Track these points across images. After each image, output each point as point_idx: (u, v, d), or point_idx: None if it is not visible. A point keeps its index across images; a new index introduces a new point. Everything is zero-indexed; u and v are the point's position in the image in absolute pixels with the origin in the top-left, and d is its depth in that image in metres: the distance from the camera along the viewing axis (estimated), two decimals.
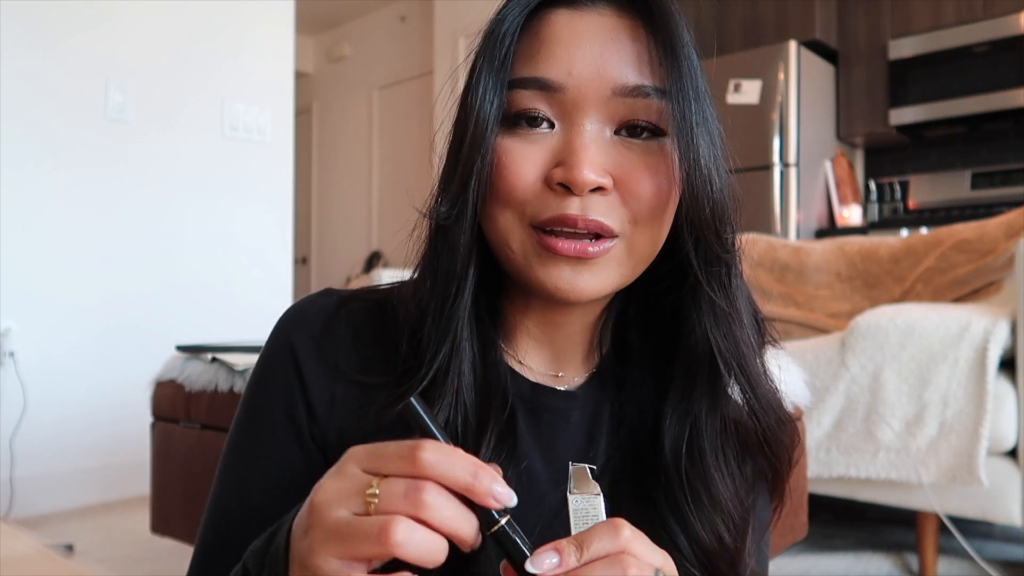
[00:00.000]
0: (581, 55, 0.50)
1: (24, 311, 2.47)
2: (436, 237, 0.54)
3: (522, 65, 0.52)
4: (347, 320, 0.57)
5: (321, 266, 5.74)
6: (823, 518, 2.24)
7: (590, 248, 0.50)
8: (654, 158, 0.52)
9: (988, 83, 3.26)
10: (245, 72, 3.06)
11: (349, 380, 0.56)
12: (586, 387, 0.60)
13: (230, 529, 0.56)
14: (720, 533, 0.54)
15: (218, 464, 0.59)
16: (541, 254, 0.51)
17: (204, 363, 1.59)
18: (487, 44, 0.52)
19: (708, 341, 0.55)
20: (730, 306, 0.54)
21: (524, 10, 0.52)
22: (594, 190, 0.50)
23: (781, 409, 0.59)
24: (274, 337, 0.59)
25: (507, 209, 0.52)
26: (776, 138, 3.36)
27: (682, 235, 0.53)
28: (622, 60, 0.51)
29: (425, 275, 0.55)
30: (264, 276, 3.11)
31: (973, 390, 1.60)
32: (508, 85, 0.51)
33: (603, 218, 0.50)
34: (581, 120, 0.51)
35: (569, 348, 0.60)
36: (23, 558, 0.51)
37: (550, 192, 0.51)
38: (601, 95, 0.50)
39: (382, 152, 5.32)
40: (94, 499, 2.57)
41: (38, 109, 2.51)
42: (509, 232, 0.52)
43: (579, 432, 0.59)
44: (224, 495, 0.58)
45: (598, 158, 0.50)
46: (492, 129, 0.51)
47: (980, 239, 2.05)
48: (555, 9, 0.52)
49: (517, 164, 0.51)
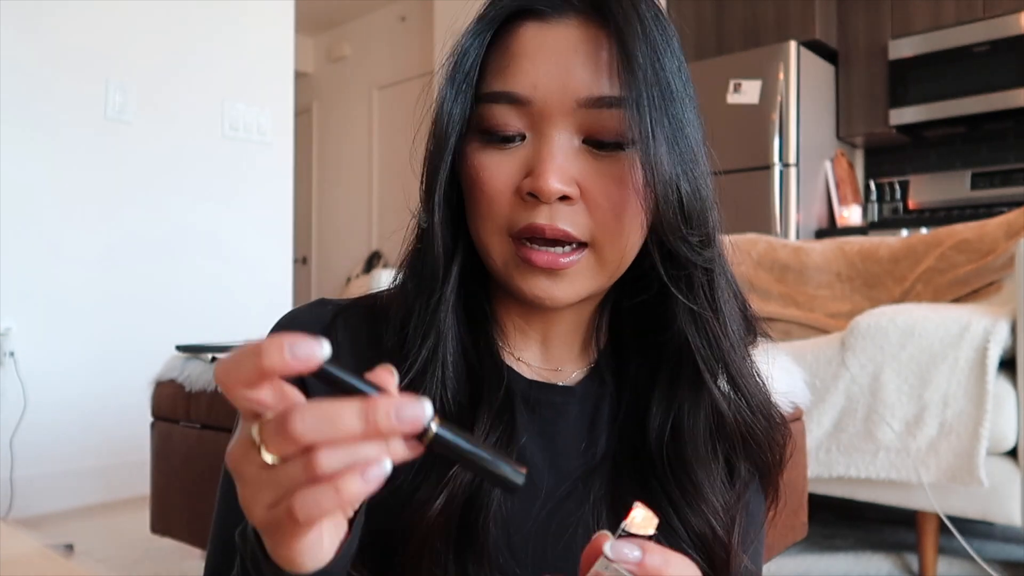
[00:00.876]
0: (546, 69, 0.51)
1: (24, 311, 2.47)
2: (419, 240, 0.57)
3: (493, 79, 0.53)
4: (343, 327, 0.58)
5: (321, 266, 5.74)
6: (823, 518, 2.24)
7: (561, 259, 0.52)
8: (620, 168, 0.52)
9: (988, 83, 3.26)
10: (245, 72, 3.06)
11: None
12: (585, 382, 0.61)
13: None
14: (709, 521, 0.56)
15: (219, 489, 0.59)
16: (520, 265, 0.53)
17: (204, 363, 1.59)
18: (451, 58, 0.54)
19: (685, 338, 0.56)
20: (709, 307, 0.55)
21: (492, 24, 0.54)
22: (562, 199, 0.51)
23: (769, 407, 0.60)
24: None
25: (487, 221, 0.53)
26: (776, 138, 3.36)
27: (648, 237, 0.54)
28: (586, 71, 0.51)
29: (408, 276, 0.57)
30: (264, 276, 3.11)
31: (973, 390, 1.60)
32: (480, 98, 0.53)
33: (569, 227, 0.52)
34: (549, 131, 0.52)
35: (564, 344, 0.61)
36: (23, 558, 0.51)
37: (522, 202, 0.52)
38: (566, 107, 0.51)
39: (382, 152, 5.32)
40: (94, 499, 2.57)
41: (38, 109, 2.51)
42: (490, 243, 0.54)
43: (579, 426, 0.60)
44: (232, 515, 0.57)
45: (565, 167, 0.51)
46: (451, 140, 0.53)
47: (980, 239, 2.05)
48: (524, 22, 0.53)
49: (492, 177, 0.53)
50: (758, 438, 0.58)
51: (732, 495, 0.58)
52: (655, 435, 0.57)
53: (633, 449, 0.59)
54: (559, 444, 0.58)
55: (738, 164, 3.38)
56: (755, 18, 3.71)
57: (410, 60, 5.11)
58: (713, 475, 0.57)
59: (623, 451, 0.59)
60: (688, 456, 0.56)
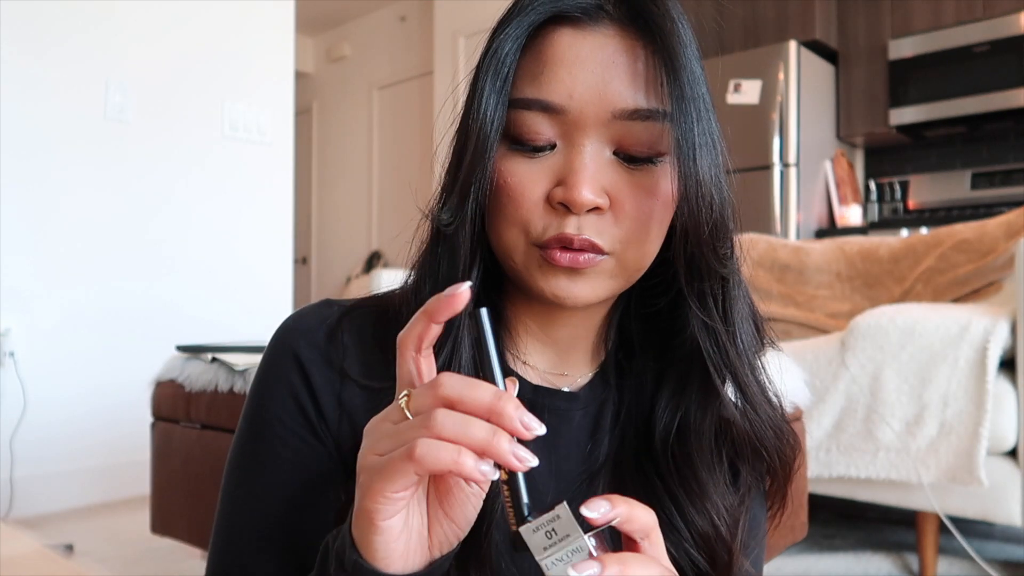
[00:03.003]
0: (583, 78, 0.51)
1: (24, 311, 2.47)
2: (437, 241, 0.55)
3: (525, 84, 0.52)
4: (350, 328, 0.58)
5: (321, 266, 5.74)
6: (823, 518, 2.24)
7: (580, 258, 0.52)
8: (650, 179, 0.53)
9: (988, 83, 3.26)
10: (245, 72, 3.06)
11: (357, 385, 0.56)
12: (589, 387, 0.61)
13: (247, 548, 0.56)
14: (713, 520, 0.56)
15: (221, 489, 0.59)
16: (542, 265, 0.53)
17: (204, 363, 1.59)
18: (490, 61, 0.52)
19: (697, 344, 0.56)
20: (723, 319, 0.55)
21: (527, 28, 0.52)
22: (591, 210, 0.51)
23: (780, 421, 0.59)
24: (276, 347, 0.58)
25: (512, 227, 0.53)
26: (776, 138, 3.36)
27: (676, 248, 0.54)
28: (623, 83, 0.51)
29: (425, 277, 0.56)
30: (264, 276, 3.11)
31: (973, 390, 1.60)
32: (511, 103, 0.52)
33: (596, 238, 0.52)
34: (582, 141, 0.51)
35: (573, 347, 0.61)
36: (23, 558, 0.51)
37: (551, 211, 0.52)
38: (601, 118, 0.51)
39: (382, 152, 5.32)
40: (94, 499, 2.57)
41: (38, 109, 2.51)
42: (513, 247, 0.53)
43: (582, 431, 0.60)
44: (237, 515, 0.57)
45: (596, 178, 0.51)
46: (493, 147, 0.52)
47: (980, 239, 2.05)
48: (558, 28, 0.52)
49: (521, 185, 0.52)
50: (767, 448, 0.58)
51: (736, 498, 0.58)
52: (661, 434, 0.57)
53: (636, 449, 0.59)
54: (562, 449, 0.58)
55: (738, 164, 3.31)
56: (755, 18, 3.70)
57: (410, 60, 5.11)
58: (717, 476, 0.57)
59: (626, 452, 0.59)
60: (693, 455, 0.56)
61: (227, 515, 0.58)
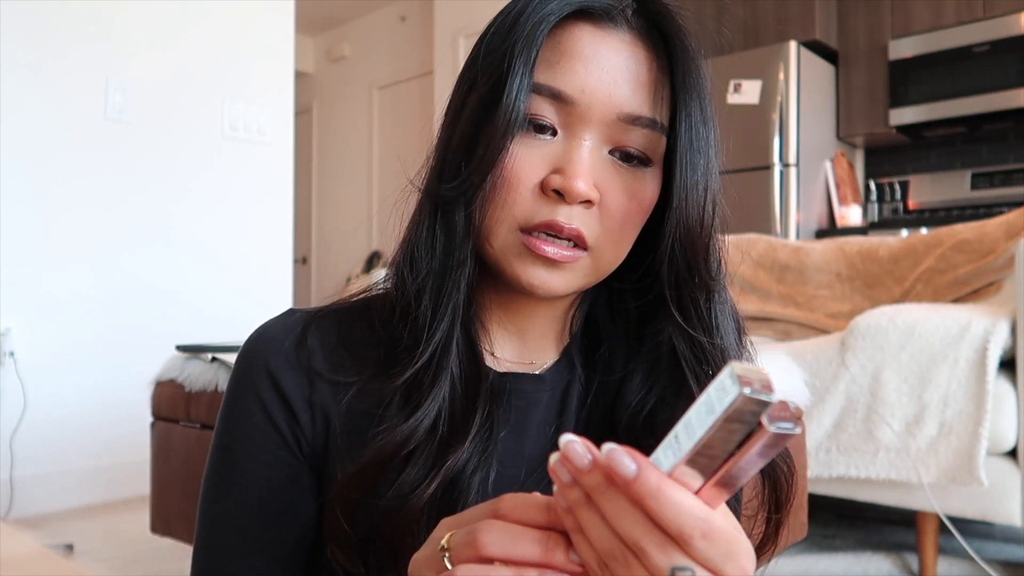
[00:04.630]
0: (598, 76, 0.52)
1: (24, 311, 2.47)
2: (435, 217, 0.56)
3: (539, 70, 0.53)
4: (315, 333, 0.59)
5: (321, 266, 5.74)
6: (823, 518, 2.24)
7: (567, 252, 0.53)
8: (637, 183, 0.55)
9: (988, 83, 3.26)
10: (245, 72, 3.06)
11: (326, 382, 0.57)
12: (554, 369, 0.62)
13: (229, 564, 0.57)
14: None
15: (199, 509, 0.59)
16: (521, 253, 0.53)
17: (204, 363, 1.59)
18: (523, 45, 0.52)
19: (673, 345, 0.57)
20: (705, 330, 0.56)
21: (555, 17, 0.53)
22: (583, 202, 0.53)
23: None
24: (244, 360, 0.59)
25: (501, 209, 0.53)
26: (776, 138, 3.35)
27: (662, 259, 0.55)
28: (633, 89, 0.53)
29: (421, 254, 0.56)
30: (264, 276, 3.11)
31: (973, 390, 1.60)
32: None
33: (583, 229, 0.53)
34: (584, 134, 0.53)
35: (540, 336, 0.62)
36: (23, 558, 0.51)
37: (543, 197, 0.53)
38: (607, 117, 0.53)
39: (382, 152, 5.32)
40: (94, 499, 2.57)
41: (38, 109, 2.51)
42: (496, 229, 0.54)
43: (549, 412, 0.60)
44: (216, 535, 0.58)
45: (592, 172, 0.53)
46: (517, 131, 0.52)
47: (980, 239, 2.05)
48: (579, 22, 0.54)
49: (518, 167, 0.53)
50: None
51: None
52: (628, 419, 0.58)
53: (602, 432, 0.59)
54: (531, 431, 0.59)
55: (738, 164, 3.38)
56: (755, 18, 3.70)
57: (410, 60, 5.11)
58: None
59: (591, 434, 0.59)
60: (660, 437, 0.56)
61: (207, 533, 0.58)
